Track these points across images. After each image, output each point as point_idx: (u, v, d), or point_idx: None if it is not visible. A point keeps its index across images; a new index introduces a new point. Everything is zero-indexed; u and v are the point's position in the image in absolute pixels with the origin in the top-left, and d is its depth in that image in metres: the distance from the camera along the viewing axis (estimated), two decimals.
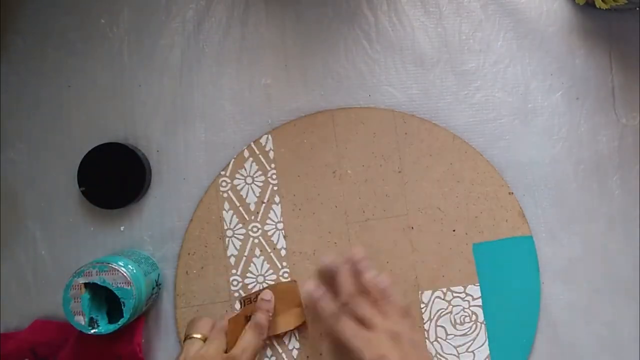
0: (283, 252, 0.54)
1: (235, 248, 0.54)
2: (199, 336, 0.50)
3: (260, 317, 0.51)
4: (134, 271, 0.49)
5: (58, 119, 0.56)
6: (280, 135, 0.55)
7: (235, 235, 0.54)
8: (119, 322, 0.48)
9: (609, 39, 0.57)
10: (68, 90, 0.56)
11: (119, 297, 0.48)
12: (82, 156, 0.53)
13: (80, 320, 0.48)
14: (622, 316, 0.55)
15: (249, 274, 0.54)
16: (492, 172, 0.55)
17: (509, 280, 0.54)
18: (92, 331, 0.48)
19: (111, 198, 0.54)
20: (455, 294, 0.54)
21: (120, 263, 0.49)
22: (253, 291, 0.53)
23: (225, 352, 0.49)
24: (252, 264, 0.54)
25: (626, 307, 0.55)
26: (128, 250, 0.54)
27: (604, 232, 0.55)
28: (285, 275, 0.54)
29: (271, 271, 0.54)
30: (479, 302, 0.54)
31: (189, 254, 0.54)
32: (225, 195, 0.55)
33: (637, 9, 0.56)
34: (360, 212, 0.55)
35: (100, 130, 0.56)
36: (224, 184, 0.55)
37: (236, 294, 0.54)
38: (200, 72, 0.56)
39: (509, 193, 0.55)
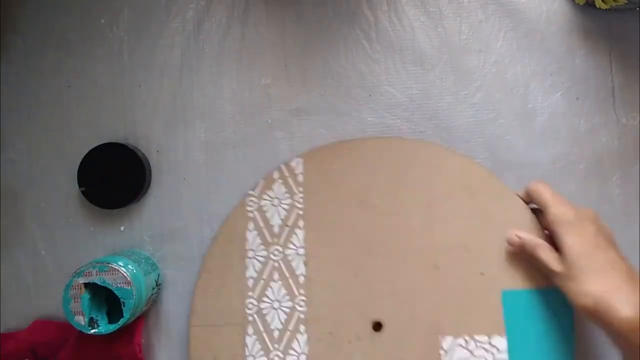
0: (302, 279, 0.52)
1: (255, 270, 0.53)
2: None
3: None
4: (134, 271, 0.49)
5: (58, 119, 0.56)
6: (312, 159, 0.54)
7: (256, 257, 0.53)
8: (119, 322, 0.48)
9: (609, 39, 0.57)
10: (68, 90, 0.56)
11: (119, 297, 0.48)
12: (82, 156, 0.53)
13: (80, 320, 0.48)
14: None
15: (265, 298, 0.52)
16: (527, 216, 0.52)
17: (541, 335, 0.49)
18: (92, 331, 0.48)
19: (111, 198, 0.54)
20: (478, 344, 0.50)
21: (120, 263, 0.49)
22: None
23: None
24: (269, 288, 0.52)
25: None
26: (128, 250, 0.54)
27: None
28: (302, 303, 0.52)
29: (287, 297, 0.52)
30: (505, 356, 0.49)
31: (209, 272, 0.53)
32: (251, 214, 0.53)
33: (637, 9, 0.56)
34: (384, 245, 0.52)
35: (100, 130, 0.56)
36: (251, 203, 0.53)
37: (250, 318, 0.52)
38: (200, 72, 0.56)
39: None
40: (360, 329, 0.51)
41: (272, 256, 0.53)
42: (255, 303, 0.52)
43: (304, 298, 0.52)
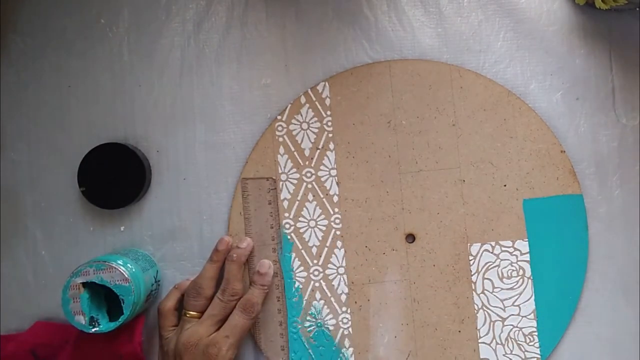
0: (335, 199, 0.55)
1: (289, 192, 0.55)
2: (194, 314, 0.50)
3: (254, 293, 0.51)
4: (132, 268, 0.49)
5: (58, 119, 0.56)
6: (337, 83, 0.56)
7: (289, 180, 0.55)
8: (120, 320, 0.48)
9: (609, 39, 0.57)
10: (68, 90, 0.56)
11: (118, 294, 0.48)
12: (82, 156, 0.53)
13: (81, 320, 0.48)
14: (622, 316, 0.54)
15: (301, 218, 0.55)
16: (545, 130, 0.55)
17: (558, 237, 0.54)
18: (93, 330, 0.48)
19: (111, 198, 0.54)
20: (503, 248, 0.54)
21: (119, 262, 0.49)
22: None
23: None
24: (304, 209, 0.55)
25: (626, 307, 0.55)
26: (125, 249, 0.54)
27: (604, 232, 0.55)
28: (337, 221, 0.55)
29: (323, 217, 0.55)
30: (527, 257, 0.54)
31: (242, 196, 0.55)
32: (280, 139, 0.55)
33: (637, 9, 0.56)
34: (413, 163, 0.55)
35: (100, 130, 0.56)
36: (280, 128, 0.55)
37: (288, 237, 0.54)
38: (200, 72, 0.56)
39: (561, 151, 0.55)
40: (394, 242, 0.55)
41: (304, 178, 0.55)
42: (292, 223, 0.55)
43: (339, 216, 0.55)
